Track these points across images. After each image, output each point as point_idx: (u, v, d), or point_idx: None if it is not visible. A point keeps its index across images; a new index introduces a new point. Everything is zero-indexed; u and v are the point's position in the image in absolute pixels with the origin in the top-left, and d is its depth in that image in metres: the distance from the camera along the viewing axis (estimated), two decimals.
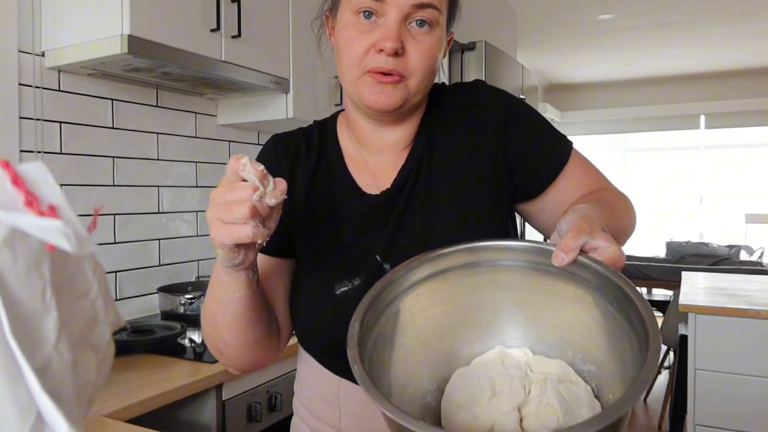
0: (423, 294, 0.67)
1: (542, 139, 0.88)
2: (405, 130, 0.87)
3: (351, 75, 0.79)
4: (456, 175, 0.84)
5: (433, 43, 0.78)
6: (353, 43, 0.77)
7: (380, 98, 0.77)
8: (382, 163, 0.87)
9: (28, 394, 0.31)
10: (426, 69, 0.78)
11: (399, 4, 0.74)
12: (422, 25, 0.76)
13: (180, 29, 1.63)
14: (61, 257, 0.34)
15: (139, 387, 1.26)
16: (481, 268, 0.68)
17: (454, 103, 0.88)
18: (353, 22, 0.77)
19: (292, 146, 0.90)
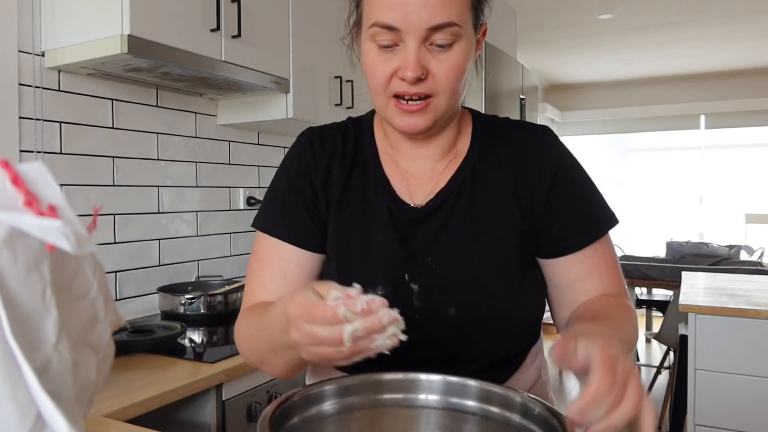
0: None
1: (583, 208, 0.86)
2: (440, 143, 0.86)
3: (379, 101, 0.80)
4: (497, 212, 0.83)
5: (458, 58, 0.76)
6: (376, 72, 0.78)
7: (409, 124, 0.78)
8: (417, 170, 0.87)
9: (28, 393, 0.31)
10: (453, 86, 0.77)
11: (414, 31, 0.73)
12: (442, 45, 0.75)
13: (180, 29, 1.63)
14: (61, 257, 0.34)
15: (139, 387, 1.26)
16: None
17: (515, 143, 0.87)
18: (374, 50, 0.77)
19: (328, 140, 0.89)
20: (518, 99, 3.38)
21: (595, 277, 0.85)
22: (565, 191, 0.85)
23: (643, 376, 4.43)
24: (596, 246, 0.85)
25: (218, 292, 1.88)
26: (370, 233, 0.83)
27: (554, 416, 0.59)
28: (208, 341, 1.66)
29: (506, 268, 0.82)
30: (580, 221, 0.85)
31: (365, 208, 0.85)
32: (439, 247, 0.82)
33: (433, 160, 0.87)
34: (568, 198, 0.85)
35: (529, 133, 0.88)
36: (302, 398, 0.66)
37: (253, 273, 0.88)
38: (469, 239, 0.82)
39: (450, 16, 0.74)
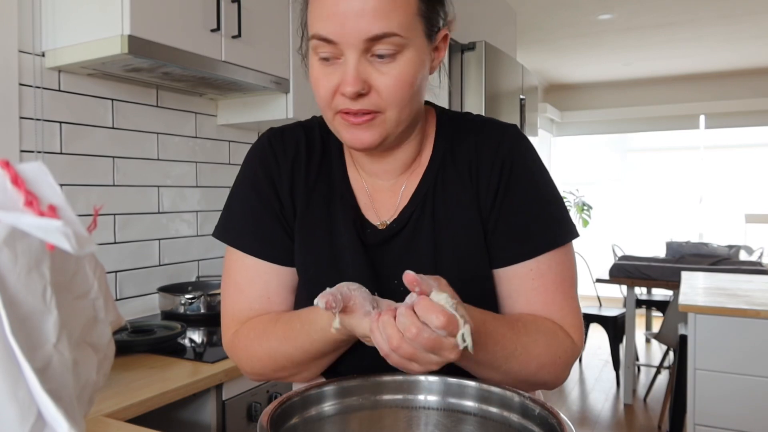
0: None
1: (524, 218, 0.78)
2: (400, 157, 0.82)
3: (326, 116, 0.77)
4: (459, 226, 0.79)
5: (403, 70, 0.71)
6: (319, 88, 0.74)
7: (357, 138, 0.74)
8: (380, 188, 0.83)
9: (28, 393, 0.31)
10: (400, 100, 0.72)
11: (351, 43, 0.69)
12: (383, 56, 0.70)
13: (180, 29, 1.63)
14: (61, 257, 0.34)
15: (139, 387, 1.26)
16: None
17: (475, 146, 0.81)
18: (317, 65, 0.74)
19: (291, 144, 0.84)
20: (518, 99, 3.38)
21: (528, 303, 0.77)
22: (509, 197, 0.78)
23: (643, 376, 4.43)
24: (533, 267, 0.77)
25: (218, 292, 1.88)
26: (337, 252, 0.79)
27: (554, 416, 0.59)
28: (208, 341, 1.66)
29: (472, 286, 0.76)
30: (518, 232, 0.78)
31: (331, 224, 0.81)
32: (403, 268, 0.75)
33: (395, 175, 0.82)
34: (510, 205, 0.78)
35: (488, 133, 0.82)
36: (302, 399, 0.66)
37: (232, 294, 0.83)
38: (433, 258, 0.78)
39: (390, 26, 0.68)
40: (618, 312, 4.25)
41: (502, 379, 0.72)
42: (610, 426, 3.58)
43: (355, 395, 0.69)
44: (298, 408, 0.65)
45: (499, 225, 0.78)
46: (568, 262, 0.79)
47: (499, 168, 0.79)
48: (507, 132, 0.82)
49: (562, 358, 0.75)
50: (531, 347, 0.72)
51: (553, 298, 0.77)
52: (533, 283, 0.77)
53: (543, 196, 0.80)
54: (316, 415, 0.67)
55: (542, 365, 0.73)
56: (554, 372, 0.75)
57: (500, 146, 0.80)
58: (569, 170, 6.92)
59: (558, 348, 0.75)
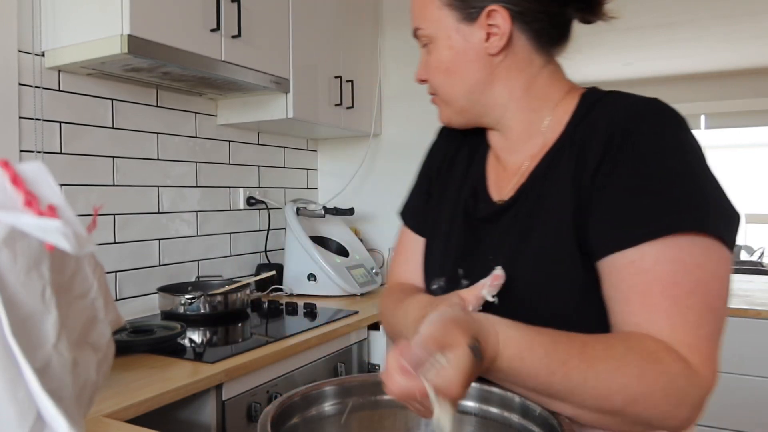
0: None
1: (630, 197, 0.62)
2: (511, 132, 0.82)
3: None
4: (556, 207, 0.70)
5: (433, 57, 0.81)
6: None
7: (439, 116, 0.87)
8: (505, 164, 0.84)
9: (27, 393, 0.31)
10: (439, 82, 0.82)
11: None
12: (426, 47, 0.82)
13: (180, 29, 1.63)
14: (60, 257, 0.34)
15: (139, 387, 1.26)
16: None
17: (593, 118, 0.72)
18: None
19: (453, 134, 0.94)
20: None
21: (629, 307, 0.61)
22: (616, 171, 0.64)
23: None
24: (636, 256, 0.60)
25: (218, 292, 1.88)
26: (450, 225, 0.87)
27: (554, 416, 0.59)
28: (208, 341, 1.66)
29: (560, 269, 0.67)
30: (620, 213, 0.62)
31: (456, 201, 0.88)
32: (500, 245, 0.76)
33: (515, 152, 0.82)
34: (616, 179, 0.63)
35: (613, 103, 0.71)
36: (303, 398, 0.66)
37: (395, 256, 0.99)
38: (522, 241, 0.73)
39: (416, 22, 0.81)
40: None
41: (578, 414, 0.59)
42: None
43: (355, 395, 0.69)
44: (298, 408, 0.65)
45: (599, 205, 0.64)
46: (694, 262, 0.58)
47: (607, 138, 0.66)
48: (635, 103, 0.69)
49: (669, 390, 0.56)
50: (610, 376, 0.56)
51: (657, 304, 0.59)
52: (632, 280, 0.60)
53: (668, 171, 0.62)
54: (316, 415, 0.67)
55: (632, 400, 0.56)
56: (660, 408, 0.56)
57: (617, 115, 0.67)
58: None
59: (659, 376, 0.56)
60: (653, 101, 0.69)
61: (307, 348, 1.67)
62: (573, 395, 0.57)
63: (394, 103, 2.67)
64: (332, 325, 1.82)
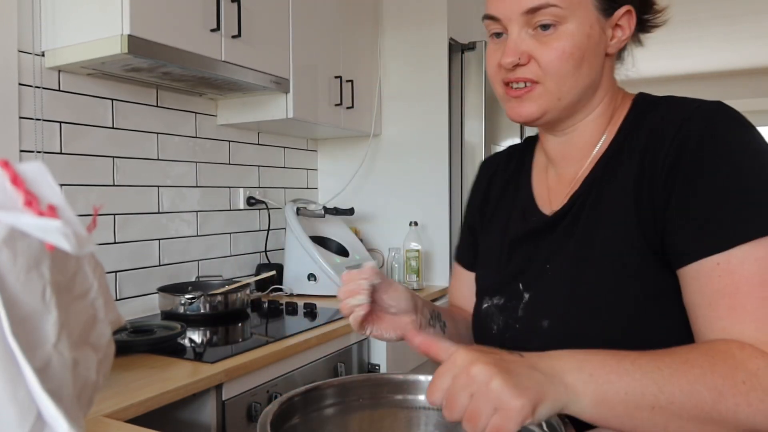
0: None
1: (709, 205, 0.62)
2: (578, 139, 0.80)
3: (497, 92, 0.81)
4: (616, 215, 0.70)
5: (563, 41, 0.72)
6: (489, 63, 0.81)
7: (516, 111, 0.77)
8: (560, 175, 0.83)
9: (28, 393, 0.31)
10: (560, 70, 0.73)
11: (510, 17, 0.75)
12: (546, 27, 0.73)
13: (180, 29, 1.63)
14: (61, 257, 0.34)
15: (139, 387, 1.26)
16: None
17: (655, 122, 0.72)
18: (490, 45, 0.81)
19: (494, 163, 0.97)
20: None
21: (714, 311, 0.60)
22: (689, 178, 0.64)
23: None
24: (722, 258, 0.60)
25: (218, 292, 1.88)
26: (502, 248, 0.86)
27: (554, 416, 0.59)
28: (208, 341, 1.66)
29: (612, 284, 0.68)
30: (701, 221, 0.62)
31: (505, 222, 0.88)
32: (558, 254, 0.76)
33: (575, 160, 0.80)
34: (691, 187, 0.63)
35: (676, 109, 0.70)
36: (303, 398, 0.66)
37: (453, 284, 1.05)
38: (582, 248, 0.72)
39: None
40: None
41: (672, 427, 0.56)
42: None
43: (355, 395, 0.69)
44: (298, 408, 0.65)
45: (679, 213, 0.64)
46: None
47: (679, 144, 0.66)
48: (701, 107, 0.69)
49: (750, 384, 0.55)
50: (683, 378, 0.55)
51: (744, 304, 0.58)
52: (720, 283, 0.60)
53: (743, 176, 0.62)
54: (316, 415, 0.67)
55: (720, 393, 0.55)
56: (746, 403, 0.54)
57: (686, 121, 0.67)
58: None
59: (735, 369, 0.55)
60: (718, 104, 0.68)
61: (307, 348, 1.67)
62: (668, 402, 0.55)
63: (394, 103, 2.67)
64: (332, 325, 1.82)
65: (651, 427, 0.56)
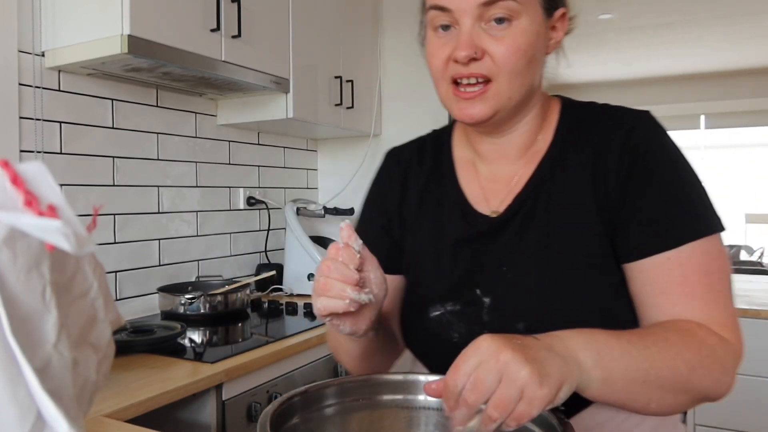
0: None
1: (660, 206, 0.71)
2: (516, 138, 0.80)
3: (440, 90, 0.78)
4: (574, 217, 0.74)
5: (517, 37, 0.71)
6: (433, 58, 0.76)
7: (467, 113, 0.74)
8: (495, 174, 0.82)
9: (28, 393, 0.31)
10: (513, 67, 0.71)
11: (464, 9, 0.71)
12: (501, 21, 0.71)
13: (180, 29, 1.63)
14: (61, 257, 0.34)
15: (139, 387, 1.26)
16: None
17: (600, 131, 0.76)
18: (432, 38, 0.76)
19: (404, 158, 0.91)
20: None
21: (667, 298, 0.69)
22: (645, 185, 0.71)
23: None
24: (671, 256, 0.68)
25: (218, 292, 1.88)
26: (440, 250, 0.82)
27: (554, 416, 0.59)
28: (208, 341, 1.66)
29: (580, 282, 0.73)
30: (656, 222, 0.70)
31: (439, 226, 0.83)
32: (514, 257, 0.76)
33: (511, 160, 0.81)
34: (646, 193, 0.71)
35: (618, 119, 0.76)
36: (302, 399, 0.66)
37: None
38: (542, 250, 0.75)
39: None
40: None
41: (651, 394, 0.63)
42: None
43: (355, 395, 0.69)
44: (298, 408, 0.65)
45: (633, 215, 0.71)
46: (716, 254, 0.69)
47: (630, 154, 0.73)
48: (640, 118, 0.76)
49: (713, 358, 0.64)
50: (668, 346, 0.63)
51: (694, 291, 0.68)
52: (671, 274, 0.68)
53: (684, 182, 0.72)
54: (316, 415, 0.67)
55: (692, 368, 0.63)
56: (712, 375, 0.65)
57: (633, 132, 0.74)
58: None
59: (703, 347, 0.64)
60: (650, 114, 0.77)
61: (307, 348, 1.67)
62: (650, 374, 0.62)
63: (394, 103, 2.67)
64: None
65: (640, 398, 0.63)
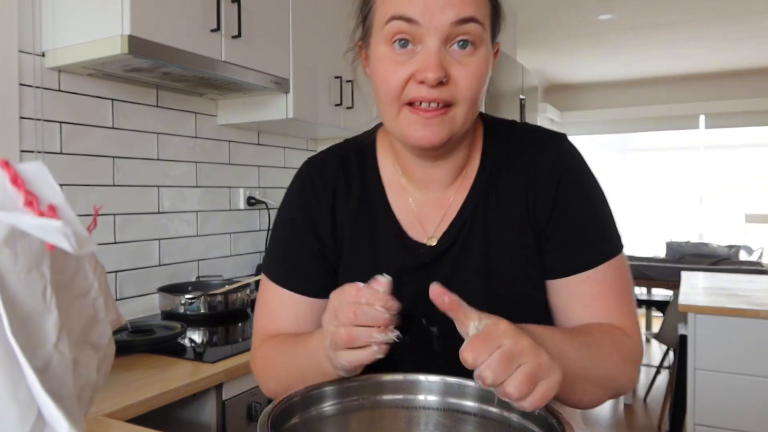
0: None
1: (579, 231, 0.78)
2: (452, 164, 0.79)
3: (390, 111, 0.72)
4: (511, 240, 0.77)
5: (481, 65, 0.69)
6: (390, 76, 0.70)
7: (425, 135, 0.70)
8: (428, 200, 0.81)
9: (28, 393, 0.31)
10: (474, 95, 0.70)
11: (436, 26, 0.66)
12: (465, 46, 0.68)
13: (180, 29, 1.63)
14: (61, 257, 0.34)
15: (139, 387, 1.26)
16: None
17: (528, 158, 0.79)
18: (388, 54, 0.70)
19: (330, 177, 0.83)
20: (518, 99, 3.38)
21: (586, 309, 0.77)
22: (568, 210, 0.78)
23: (643, 376, 4.43)
24: (591, 275, 0.76)
25: (218, 292, 1.88)
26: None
27: (554, 416, 0.59)
28: (208, 341, 1.66)
29: (525, 301, 0.77)
30: (578, 244, 0.77)
31: (375, 253, 0.80)
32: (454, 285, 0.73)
33: (444, 185, 0.80)
34: (569, 217, 0.78)
35: (544, 146, 0.80)
36: (302, 399, 0.66)
37: (264, 317, 0.85)
38: (485, 274, 0.77)
39: (476, 11, 0.68)
40: None
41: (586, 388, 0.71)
42: (610, 426, 3.58)
43: (355, 395, 0.69)
44: (298, 408, 0.65)
45: (558, 236, 0.77)
46: (622, 268, 0.79)
47: (557, 182, 0.78)
48: (563, 145, 0.81)
49: (630, 358, 0.75)
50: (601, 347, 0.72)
51: (611, 303, 0.77)
52: (591, 290, 0.77)
53: (600, 208, 0.80)
54: (316, 415, 0.67)
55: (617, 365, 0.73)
56: (627, 372, 0.75)
57: (558, 160, 0.79)
58: None
59: (623, 347, 0.74)
60: (570, 142, 0.82)
61: None
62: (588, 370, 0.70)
63: None
64: None
65: (577, 392, 0.70)
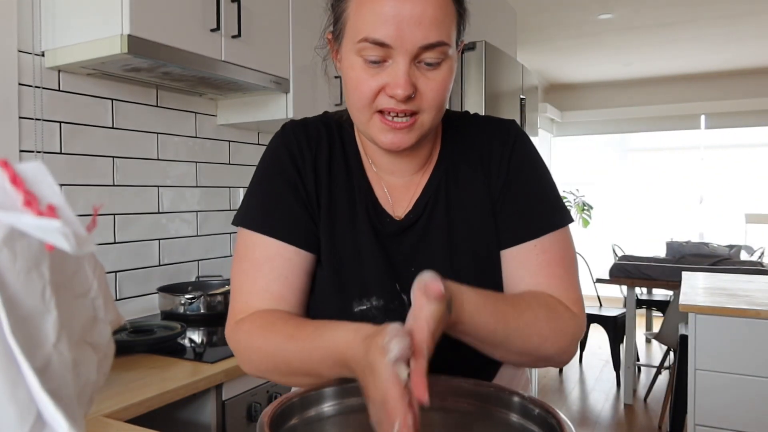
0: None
1: (526, 202, 0.85)
2: (417, 157, 0.86)
3: (362, 117, 0.78)
4: (472, 214, 0.85)
5: (446, 77, 0.76)
6: (362, 87, 0.75)
7: (394, 141, 0.76)
8: (396, 184, 0.87)
9: (27, 393, 0.31)
10: (439, 104, 0.77)
11: (407, 49, 0.71)
12: (432, 64, 0.74)
13: (180, 29, 1.63)
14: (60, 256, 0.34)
15: (139, 387, 1.26)
16: None
17: (483, 140, 0.88)
18: (360, 65, 0.74)
19: (314, 138, 0.85)
20: (518, 99, 3.38)
21: (532, 277, 0.81)
22: (517, 184, 0.85)
23: (644, 376, 4.43)
24: (537, 244, 0.82)
25: (218, 292, 1.88)
26: (358, 243, 0.82)
27: (553, 416, 0.59)
28: (208, 341, 1.66)
29: (488, 270, 0.83)
30: (525, 215, 0.84)
31: (352, 216, 0.83)
32: (420, 257, 0.82)
33: (411, 173, 0.87)
34: (518, 191, 0.85)
35: (497, 128, 0.89)
36: (302, 399, 0.66)
37: (248, 275, 0.80)
38: (449, 246, 0.83)
39: (443, 35, 0.73)
40: (618, 312, 4.25)
41: (504, 355, 0.76)
42: (611, 426, 3.58)
43: (354, 395, 0.69)
44: (298, 408, 0.65)
45: (508, 208, 0.84)
46: (567, 242, 0.85)
47: (508, 158, 0.86)
48: (513, 127, 0.89)
49: (566, 332, 0.77)
50: (532, 322, 0.75)
51: (554, 272, 0.81)
52: (537, 258, 0.82)
53: (545, 183, 0.87)
54: (316, 415, 0.67)
55: (545, 339, 0.75)
56: (558, 345, 0.77)
57: (509, 141, 0.87)
58: (569, 170, 6.91)
59: (560, 322, 0.77)
60: (516, 123, 0.91)
61: None
62: (508, 341, 0.73)
63: None
64: None
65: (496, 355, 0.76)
